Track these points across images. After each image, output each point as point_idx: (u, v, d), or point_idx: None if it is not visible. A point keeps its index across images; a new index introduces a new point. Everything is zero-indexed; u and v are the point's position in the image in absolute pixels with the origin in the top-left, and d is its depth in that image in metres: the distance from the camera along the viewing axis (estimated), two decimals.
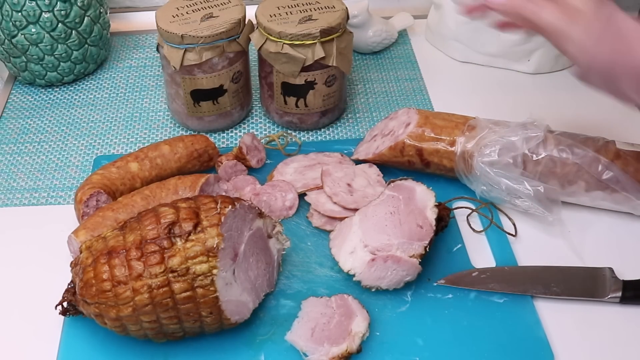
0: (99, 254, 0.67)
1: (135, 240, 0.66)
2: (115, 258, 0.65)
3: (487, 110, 0.91)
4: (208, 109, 0.96)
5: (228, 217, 0.67)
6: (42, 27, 1.01)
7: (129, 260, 0.65)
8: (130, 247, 0.66)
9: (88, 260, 0.67)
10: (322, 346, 0.69)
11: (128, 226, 0.68)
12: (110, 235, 0.68)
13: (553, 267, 0.78)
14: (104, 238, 0.68)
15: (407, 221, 0.76)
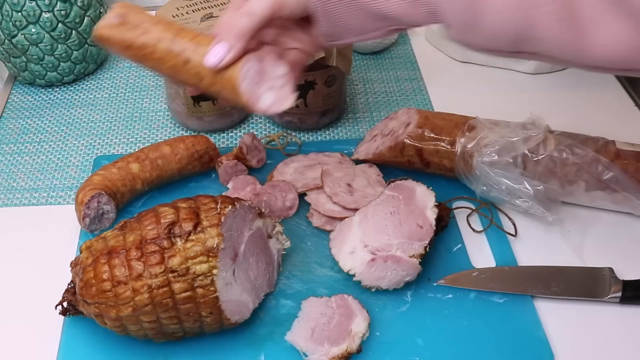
0: (99, 254, 0.67)
1: (135, 240, 0.66)
2: (115, 258, 0.65)
3: (487, 110, 0.91)
4: (208, 109, 0.96)
5: (228, 217, 0.67)
6: (42, 27, 1.01)
7: (129, 260, 0.65)
8: (130, 247, 0.66)
9: (88, 260, 0.67)
10: (322, 346, 0.69)
11: (128, 226, 0.68)
12: (110, 235, 0.68)
13: (553, 267, 0.78)
14: (104, 238, 0.68)
15: (407, 221, 0.76)
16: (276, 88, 0.65)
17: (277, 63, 0.65)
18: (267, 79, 0.64)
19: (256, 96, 0.64)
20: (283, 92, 0.65)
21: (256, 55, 0.64)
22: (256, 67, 0.64)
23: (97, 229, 0.82)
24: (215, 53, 0.63)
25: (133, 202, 0.87)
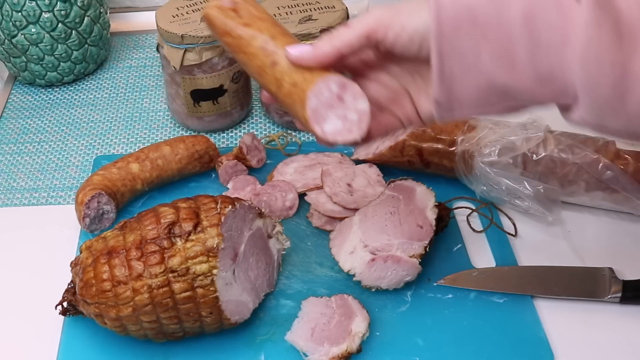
0: (99, 254, 0.67)
1: (135, 240, 0.66)
2: (115, 258, 0.65)
3: None
4: (208, 109, 0.96)
5: (228, 217, 0.67)
6: (42, 27, 1.01)
7: (129, 260, 0.65)
8: (130, 247, 0.66)
9: (88, 260, 0.67)
10: (322, 346, 0.69)
11: (128, 226, 0.68)
12: (110, 235, 0.68)
13: (553, 267, 0.78)
14: (104, 238, 0.68)
15: (407, 221, 0.76)
16: (347, 119, 0.58)
17: (360, 96, 0.58)
18: (342, 107, 0.58)
19: (320, 117, 0.57)
20: (352, 125, 0.58)
21: (340, 78, 0.58)
22: (334, 89, 0.57)
23: (97, 229, 0.82)
24: (299, 47, 0.59)
25: (133, 202, 0.87)
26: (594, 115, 0.54)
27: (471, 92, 0.57)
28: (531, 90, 0.55)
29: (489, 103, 0.58)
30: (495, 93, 0.57)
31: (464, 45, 0.55)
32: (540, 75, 0.54)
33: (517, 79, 0.55)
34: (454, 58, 0.55)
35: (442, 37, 0.55)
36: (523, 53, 0.54)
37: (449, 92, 0.57)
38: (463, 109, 0.58)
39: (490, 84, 0.56)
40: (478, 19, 0.55)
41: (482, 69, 0.55)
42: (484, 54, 0.55)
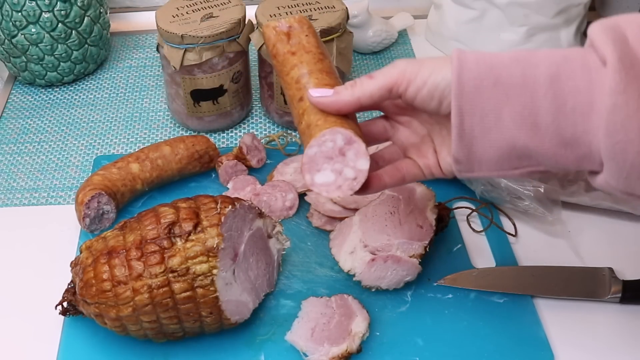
0: (99, 254, 0.67)
1: (135, 240, 0.66)
2: (115, 258, 0.65)
3: None
4: (208, 109, 0.96)
5: (228, 217, 0.67)
6: (42, 27, 1.01)
7: (129, 260, 0.65)
8: (130, 247, 0.66)
9: (88, 260, 0.67)
10: (322, 346, 0.69)
11: (128, 226, 0.68)
12: (110, 235, 0.68)
13: (553, 267, 0.78)
14: (104, 238, 0.68)
15: (407, 221, 0.76)
16: (341, 175, 0.58)
17: (363, 156, 0.57)
18: (341, 161, 0.57)
19: (314, 167, 0.57)
20: (344, 182, 0.58)
21: (349, 133, 0.57)
22: (339, 143, 0.57)
23: (97, 229, 0.82)
24: (321, 91, 0.59)
25: (133, 202, 0.87)
26: (620, 181, 0.52)
27: (491, 153, 0.55)
28: (554, 155, 0.54)
29: (510, 166, 0.56)
30: (516, 155, 0.55)
31: (485, 105, 0.54)
32: (564, 139, 0.53)
33: (539, 143, 0.53)
34: (475, 117, 0.54)
35: (463, 95, 0.54)
36: (547, 116, 0.52)
37: (469, 152, 0.56)
38: (483, 169, 0.57)
39: (511, 145, 0.54)
40: (501, 78, 0.53)
41: (504, 130, 0.54)
42: (505, 115, 0.53)
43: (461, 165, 0.57)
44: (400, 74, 0.57)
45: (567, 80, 0.52)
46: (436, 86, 0.56)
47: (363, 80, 0.58)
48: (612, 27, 0.53)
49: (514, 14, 1.05)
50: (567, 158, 0.54)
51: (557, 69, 0.52)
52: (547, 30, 1.06)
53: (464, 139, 0.55)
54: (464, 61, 0.54)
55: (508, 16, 1.05)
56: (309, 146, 0.57)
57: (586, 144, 0.52)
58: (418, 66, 0.57)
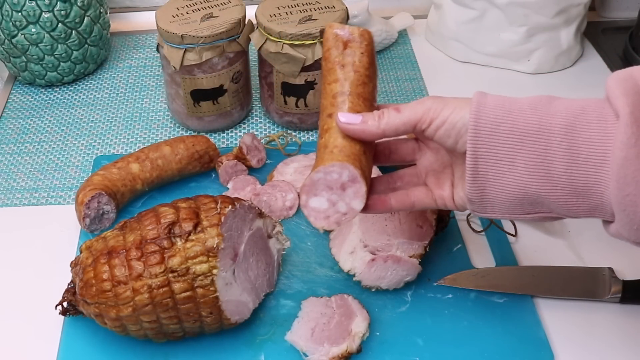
0: (99, 254, 0.67)
1: (135, 240, 0.66)
2: (115, 258, 0.65)
3: None
4: (208, 109, 0.96)
5: (228, 217, 0.67)
6: (42, 27, 1.01)
7: (129, 260, 0.65)
8: (130, 247, 0.66)
9: (88, 260, 0.67)
10: (322, 346, 0.69)
11: (128, 226, 0.68)
12: (110, 235, 0.68)
13: (553, 267, 0.78)
14: (104, 238, 0.68)
15: (407, 221, 0.76)
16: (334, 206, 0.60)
17: (361, 197, 0.59)
18: (339, 194, 0.60)
19: (313, 190, 0.60)
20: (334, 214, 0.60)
21: (355, 172, 0.59)
22: (343, 178, 0.59)
23: (97, 229, 0.82)
24: (349, 115, 0.60)
25: (133, 202, 0.87)
26: (632, 232, 0.53)
27: (504, 197, 0.57)
28: (565, 203, 0.55)
29: (522, 211, 0.58)
30: (528, 201, 0.56)
31: (500, 150, 0.55)
32: (575, 189, 0.54)
33: (551, 191, 0.54)
34: (489, 161, 0.56)
35: (479, 139, 0.55)
36: (560, 165, 0.53)
37: (482, 193, 0.58)
38: (495, 211, 0.59)
39: (523, 191, 0.56)
40: (518, 124, 0.55)
41: (517, 176, 0.55)
42: (519, 161, 0.55)
43: (474, 205, 0.60)
44: (426, 111, 0.59)
45: (582, 131, 0.53)
46: (453, 125, 0.57)
47: (390, 112, 0.60)
48: (626, 78, 0.53)
49: (514, 14, 1.05)
50: (579, 207, 0.55)
51: (573, 119, 0.53)
52: (547, 30, 1.06)
53: (477, 181, 0.57)
54: (482, 105, 0.56)
55: (508, 16, 1.05)
56: (316, 171, 0.59)
57: (598, 194, 0.53)
58: (442, 105, 0.58)
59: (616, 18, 1.24)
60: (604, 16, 1.25)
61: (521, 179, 0.55)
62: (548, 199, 0.55)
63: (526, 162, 0.55)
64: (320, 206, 0.60)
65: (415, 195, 0.64)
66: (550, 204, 0.56)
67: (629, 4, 1.23)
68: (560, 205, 0.55)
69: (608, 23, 1.23)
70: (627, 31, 1.16)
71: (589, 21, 1.14)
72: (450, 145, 0.59)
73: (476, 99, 0.57)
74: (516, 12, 1.04)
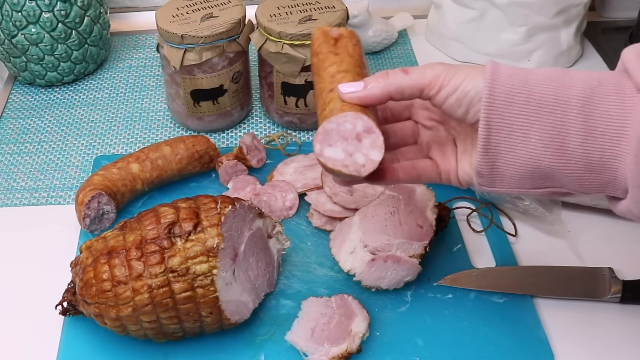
0: (99, 254, 0.67)
1: (135, 240, 0.66)
2: (115, 258, 0.65)
3: None
4: (208, 109, 0.96)
5: (228, 217, 0.67)
6: (42, 27, 1.01)
7: (129, 260, 0.65)
8: (130, 247, 0.66)
9: (88, 260, 0.67)
10: (322, 346, 0.69)
11: (128, 226, 0.68)
12: (110, 235, 0.68)
13: (553, 267, 0.78)
14: (104, 238, 0.68)
15: (407, 221, 0.76)
16: (351, 157, 0.57)
17: (379, 147, 0.56)
18: (355, 145, 0.57)
19: (327, 140, 0.57)
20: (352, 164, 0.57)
21: (370, 122, 0.56)
22: (357, 128, 0.56)
23: (97, 229, 0.82)
24: (350, 84, 0.58)
25: (133, 202, 0.87)
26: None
27: (515, 170, 0.55)
28: (578, 178, 0.54)
29: (532, 185, 0.56)
30: (539, 175, 0.55)
31: (515, 121, 0.53)
32: (590, 163, 0.52)
33: (565, 165, 0.53)
34: (502, 132, 0.54)
35: (493, 108, 0.54)
36: (575, 138, 0.52)
37: (492, 166, 0.56)
38: (504, 185, 0.57)
39: (536, 165, 0.54)
40: (533, 95, 0.53)
41: (530, 148, 0.54)
42: (533, 133, 0.53)
43: (483, 179, 0.57)
44: (435, 77, 0.56)
45: (599, 104, 0.51)
46: (466, 94, 0.55)
47: (397, 73, 0.57)
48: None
49: (514, 14, 1.05)
50: (592, 182, 0.54)
51: (590, 91, 0.52)
52: (547, 30, 1.06)
53: (489, 153, 0.55)
54: (497, 73, 0.54)
55: (508, 16, 1.05)
56: (328, 121, 0.56)
57: (612, 169, 0.52)
58: (453, 72, 0.56)
59: (616, 18, 1.24)
60: (604, 16, 1.25)
61: (534, 152, 0.53)
62: (560, 173, 0.54)
63: (541, 135, 0.53)
64: (337, 156, 0.57)
65: (421, 167, 0.63)
66: (562, 178, 0.54)
67: (629, 4, 1.23)
68: (572, 180, 0.54)
69: (608, 23, 1.23)
70: (627, 31, 1.16)
71: (589, 21, 1.14)
72: (460, 115, 0.57)
73: (490, 67, 0.54)
74: (516, 12, 1.04)
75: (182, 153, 0.88)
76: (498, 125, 0.54)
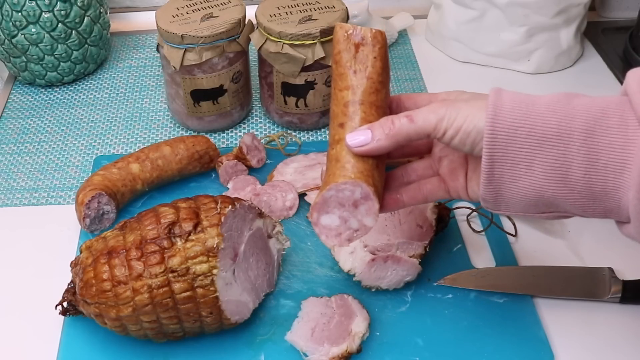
0: (99, 254, 0.67)
1: (135, 240, 0.66)
2: (115, 258, 0.65)
3: None
4: (208, 109, 0.96)
5: (228, 217, 0.67)
6: (42, 27, 1.01)
7: (129, 260, 0.65)
8: (130, 247, 0.66)
9: (88, 260, 0.67)
10: (322, 346, 0.69)
11: (128, 226, 0.68)
12: (110, 235, 0.68)
13: (553, 267, 0.78)
14: (104, 238, 0.68)
15: (407, 221, 0.76)
16: (346, 223, 0.59)
17: (373, 215, 0.59)
18: (350, 211, 0.59)
19: (324, 208, 0.59)
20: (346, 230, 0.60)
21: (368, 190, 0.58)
22: (355, 196, 0.58)
23: (97, 229, 0.82)
24: (357, 135, 0.58)
25: (133, 202, 0.87)
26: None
27: (519, 199, 0.56)
28: (582, 206, 0.55)
29: (536, 211, 0.58)
30: (543, 204, 0.56)
31: (517, 154, 0.54)
32: (593, 194, 0.53)
33: (568, 195, 0.54)
34: (505, 165, 0.55)
35: (496, 144, 0.54)
36: (578, 170, 0.53)
37: (497, 194, 0.57)
38: (509, 209, 0.58)
39: (539, 195, 0.55)
40: (536, 128, 0.53)
41: (533, 180, 0.54)
42: (536, 166, 0.54)
43: (488, 204, 0.59)
44: (439, 121, 0.57)
45: (602, 137, 0.52)
46: (468, 134, 0.56)
47: (402, 121, 0.58)
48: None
49: (514, 14, 1.05)
50: (595, 210, 0.55)
51: (594, 123, 0.52)
52: (547, 30, 1.06)
53: (492, 184, 0.56)
54: (499, 108, 0.54)
55: (508, 16, 1.05)
56: (328, 189, 0.58)
57: (615, 199, 0.53)
58: (455, 113, 0.57)
59: (616, 18, 1.24)
60: (604, 16, 1.25)
61: (538, 183, 0.54)
62: (564, 202, 0.55)
63: (544, 167, 0.54)
64: (332, 223, 0.60)
65: (427, 189, 0.64)
66: (566, 206, 0.55)
67: (629, 4, 1.23)
68: (576, 207, 0.55)
69: (608, 23, 1.23)
70: (627, 31, 1.16)
71: (589, 21, 1.14)
72: (467, 151, 0.58)
73: (492, 100, 0.55)
74: (516, 12, 1.04)
75: (182, 153, 0.88)
76: (501, 159, 0.55)
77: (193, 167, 0.89)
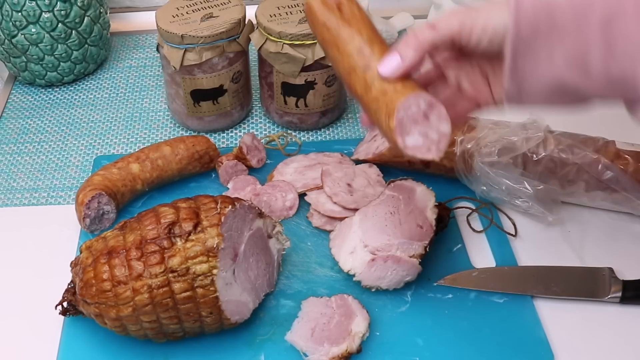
0: (99, 254, 0.67)
1: (135, 240, 0.66)
2: (115, 258, 0.65)
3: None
4: (208, 109, 0.96)
5: (228, 217, 0.67)
6: (42, 27, 1.01)
7: (129, 260, 0.65)
8: (130, 247, 0.66)
9: (88, 260, 0.67)
10: (322, 346, 0.69)
11: (128, 226, 0.68)
12: (110, 235, 0.68)
13: (553, 267, 0.78)
14: (104, 238, 0.68)
15: (407, 221, 0.76)
16: (427, 137, 0.59)
17: (445, 119, 0.59)
18: (425, 124, 0.59)
19: (405, 130, 0.59)
20: (432, 144, 0.59)
21: (429, 97, 0.59)
22: (422, 107, 0.58)
23: (97, 229, 0.82)
24: (388, 62, 0.60)
25: (133, 202, 0.87)
26: None
27: (541, 89, 0.58)
28: (601, 92, 0.57)
29: (557, 100, 0.59)
30: (564, 92, 0.58)
31: (540, 47, 0.56)
32: (612, 80, 0.55)
33: (588, 82, 0.56)
34: (528, 58, 0.57)
35: (519, 39, 0.56)
36: (597, 58, 0.54)
37: (519, 88, 0.59)
38: (531, 101, 0.60)
39: (560, 83, 0.57)
40: (556, 21, 0.55)
41: (554, 69, 0.56)
42: (557, 56, 0.56)
43: (511, 99, 0.61)
44: (461, 24, 0.59)
45: (619, 26, 0.53)
46: (495, 32, 0.58)
47: (425, 31, 0.60)
48: None
49: None
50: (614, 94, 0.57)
51: (611, 15, 0.54)
52: None
53: (515, 78, 0.58)
54: (520, 4, 0.56)
55: None
56: (397, 110, 0.58)
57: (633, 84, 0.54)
58: (475, 14, 0.58)
59: None
60: None
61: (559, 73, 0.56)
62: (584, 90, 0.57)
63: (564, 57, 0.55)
64: (417, 142, 0.59)
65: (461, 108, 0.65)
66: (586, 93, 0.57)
67: None
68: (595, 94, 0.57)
69: None
70: None
71: None
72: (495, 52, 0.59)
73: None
74: None
75: (182, 153, 0.88)
76: (524, 52, 0.57)
77: (193, 167, 0.89)
